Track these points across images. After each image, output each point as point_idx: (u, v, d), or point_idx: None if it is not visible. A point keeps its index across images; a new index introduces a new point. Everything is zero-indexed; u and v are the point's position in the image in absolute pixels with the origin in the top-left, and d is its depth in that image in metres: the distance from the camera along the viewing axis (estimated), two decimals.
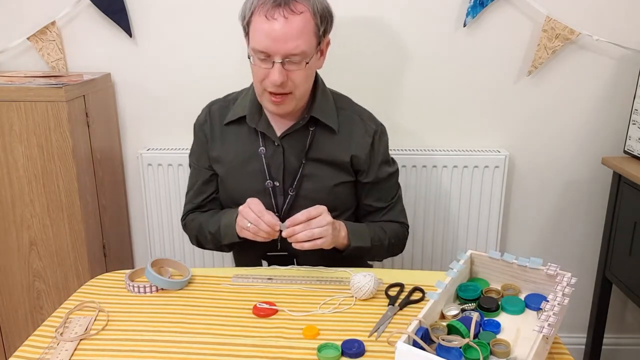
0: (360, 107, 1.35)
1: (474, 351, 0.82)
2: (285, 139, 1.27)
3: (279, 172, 1.29)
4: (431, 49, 1.72)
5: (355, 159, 1.29)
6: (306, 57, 1.14)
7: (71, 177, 1.54)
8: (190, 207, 1.40)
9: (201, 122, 1.35)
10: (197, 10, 1.71)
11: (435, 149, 1.80)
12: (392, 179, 1.37)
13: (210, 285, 1.14)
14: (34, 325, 1.67)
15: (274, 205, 1.30)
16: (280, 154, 1.28)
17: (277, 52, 1.12)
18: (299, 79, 1.16)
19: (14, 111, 1.48)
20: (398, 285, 1.12)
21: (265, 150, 1.28)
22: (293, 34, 1.11)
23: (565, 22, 1.65)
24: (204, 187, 1.38)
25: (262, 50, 1.13)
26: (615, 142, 1.80)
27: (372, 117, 1.34)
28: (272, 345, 0.93)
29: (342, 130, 1.29)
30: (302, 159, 1.28)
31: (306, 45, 1.13)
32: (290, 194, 1.29)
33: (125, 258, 1.93)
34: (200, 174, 1.37)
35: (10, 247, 1.59)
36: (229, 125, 1.31)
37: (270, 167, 1.29)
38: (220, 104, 1.35)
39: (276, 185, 1.29)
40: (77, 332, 0.97)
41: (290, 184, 1.29)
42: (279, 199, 1.30)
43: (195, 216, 1.38)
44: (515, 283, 1.03)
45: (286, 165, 1.28)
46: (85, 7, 1.71)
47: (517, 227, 1.91)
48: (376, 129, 1.31)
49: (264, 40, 1.11)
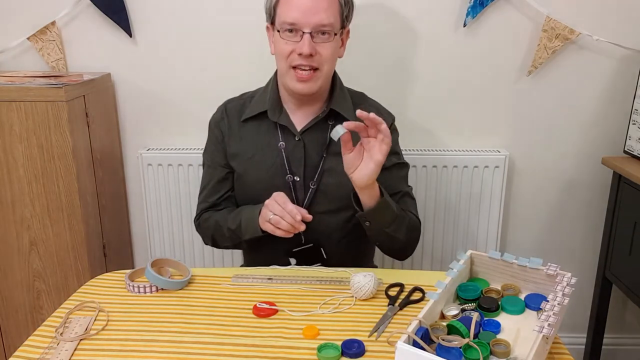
0: (376, 102, 1.39)
1: (474, 351, 0.82)
2: (305, 133, 1.29)
3: (299, 167, 1.29)
4: (431, 48, 1.72)
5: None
6: (333, 30, 1.19)
7: (71, 177, 1.54)
8: (204, 206, 1.39)
9: (217, 119, 1.36)
10: (197, 10, 1.71)
11: (435, 149, 1.80)
12: (400, 170, 1.35)
13: (210, 285, 1.14)
14: (34, 325, 1.66)
15: (295, 200, 1.30)
16: (302, 148, 1.29)
17: (307, 23, 1.16)
18: (326, 53, 1.20)
19: (14, 111, 1.48)
20: (398, 285, 1.12)
21: (285, 145, 1.30)
22: (322, 6, 1.16)
23: (565, 22, 1.65)
24: (218, 185, 1.37)
25: (292, 22, 1.17)
26: (615, 142, 1.80)
27: (387, 111, 1.38)
28: (272, 345, 0.93)
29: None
30: (323, 153, 1.29)
31: (334, 18, 1.19)
32: (311, 188, 1.30)
33: (125, 258, 1.93)
34: (215, 172, 1.37)
35: (10, 247, 1.59)
36: (246, 121, 1.32)
37: (291, 161, 1.30)
38: (236, 102, 1.37)
39: (296, 180, 1.30)
40: (77, 332, 0.97)
41: (311, 178, 1.30)
42: (299, 193, 1.30)
43: (211, 214, 1.37)
44: (515, 283, 1.03)
45: (307, 160, 1.29)
46: (85, 7, 1.71)
47: (517, 227, 1.91)
48: (392, 122, 1.36)
49: (294, 13, 1.16)
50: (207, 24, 1.72)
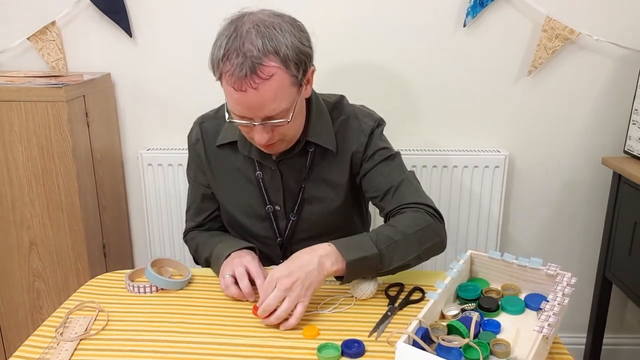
0: (356, 107, 1.26)
1: (474, 351, 0.82)
2: (282, 162, 1.20)
3: (278, 196, 1.23)
4: (431, 49, 1.72)
5: (354, 156, 1.22)
6: (288, 112, 1.05)
7: (71, 177, 1.54)
8: (191, 226, 1.34)
9: (193, 141, 1.28)
10: (197, 10, 1.71)
11: (435, 149, 1.80)
12: (388, 165, 1.21)
13: (210, 285, 1.14)
14: (34, 325, 1.67)
15: (276, 230, 1.27)
16: (279, 178, 1.21)
17: (255, 117, 1.03)
18: (285, 130, 1.08)
19: (14, 111, 1.48)
20: (398, 285, 1.12)
21: (262, 174, 1.22)
22: (268, 100, 1.01)
23: (565, 22, 1.65)
24: (203, 204, 1.32)
25: (239, 115, 1.05)
26: (615, 142, 1.80)
27: (369, 114, 1.25)
28: (272, 345, 0.93)
29: (340, 138, 1.21)
30: (302, 182, 1.22)
31: (286, 103, 1.03)
32: (292, 219, 1.25)
33: (125, 258, 1.93)
34: (199, 190, 1.31)
35: (10, 247, 1.59)
36: (222, 147, 1.24)
37: (269, 191, 1.23)
38: (211, 121, 1.27)
39: (277, 210, 1.25)
40: (77, 332, 0.97)
41: (291, 208, 1.24)
42: (280, 223, 1.26)
43: (195, 235, 1.32)
44: (515, 283, 1.03)
45: (285, 189, 1.22)
46: (85, 7, 1.71)
47: (517, 227, 1.91)
48: (373, 125, 1.22)
49: (239, 108, 1.03)
50: (207, 23, 1.72)
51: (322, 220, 1.24)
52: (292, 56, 1.01)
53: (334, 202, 1.24)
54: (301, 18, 1.15)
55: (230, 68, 0.99)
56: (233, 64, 0.98)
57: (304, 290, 0.98)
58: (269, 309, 0.98)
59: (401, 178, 1.20)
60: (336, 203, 1.24)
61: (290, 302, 0.97)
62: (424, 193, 1.20)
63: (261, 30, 0.99)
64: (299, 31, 1.04)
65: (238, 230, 1.32)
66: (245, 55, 0.98)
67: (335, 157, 1.21)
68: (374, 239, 1.05)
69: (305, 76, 1.07)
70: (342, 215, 1.26)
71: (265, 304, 0.98)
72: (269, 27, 1.00)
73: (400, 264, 1.07)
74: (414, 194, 1.17)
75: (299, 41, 1.03)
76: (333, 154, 1.21)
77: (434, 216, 1.14)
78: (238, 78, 0.99)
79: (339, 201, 1.24)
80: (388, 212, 1.18)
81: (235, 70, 0.98)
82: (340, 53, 1.73)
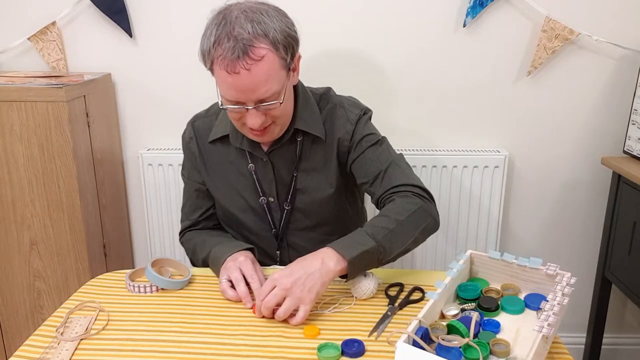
0: (342, 97, 1.28)
1: (473, 351, 0.82)
2: (273, 153, 1.23)
3: (271, 188, 1.25)
4: (431, 49, 1.73)
5: (340, 144, 1.23)
6: (280, 94, 1.09)
7: (71, 177, 1.54)
8: (187, 225, 1.35)
9: (187, 140, 1.31)
10: (197, 10, 1.71)
11: (435, 149, 1.80)
12: (375, 150, 1.22)
13: (210, 285, 1.14)
14: (35, 325, 1.67)
15: (271, 222, 1.28)
16: (270, 169, 1.24)
17: (247, 100, 1.07)
18: (277, 113, 1.12)
19: (15, 111, 1.48)
20: (398, 285, 1.12)
21: (254, 167, 1.25)
22: (260, 81, 1.04)
23: (564, 22, 1.65)
24: (199, 202, 1.34)
25: (232, 100, 1.08)
26: (615, 142, 1.80)
27: (355, 103, 1.27)
28: (272, 345, 0.94)
29: (327, 127, 1.23)
30: (294, 172, 1.24)
31: (277, 85, 1.07)
32: (286, 209, 1.27)
33: (125, 258, 1.93)
34: (193, 187, 1.33)
35: (10, 246, 1.59)
36: (214, 142, 1.27)
37: (262, 183, 1.25)
38: (203, 119, 1.31)
39: (271, 201, 1.27)
40: (77, 331, 0.98)
41: (284, 198, 1.26)
42: (275, 214, 1.28)
43: (192, 236, 1.33)
44: (515, 283, 1.03)
45: (278, 180, 1.25)
46: (86, 8, 1.71)
47: (517, 227, 1.92)
48: (359, 113, 1.24)
49: (232, 92, 1.06)
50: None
51: (316, 209, 1.26)
52: (281, 39, 1.05)
53: (325, 191, 1.25)
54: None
55: (222, 52, 1.03)
56: (225, 47, 1.02)
57: (305, 291, 0.98)
58: (269, 306, 0.98)
59: (389, 161, 1.21)
60: (328, 191, 1.26)
61: (291, 303, 0.98)
62: (412, 174, 1.22)
63: (249, 16, 1.04)
64: (284, 17, 1.09)
65: (234, 226, 1.33)
66: (237, 38, 1.02)
67: (324, 145, 1.24)
68: (370, 232, 1.07)
69: (293, 60, 1.12)
70: (336, 204, 1.28)
71: (266, 300, 0.98)
72: (257, 12, 1.05)
73: (401, 250, 1.10)
74: (401, 176, 1.19)
75: (285, 26, 1.07)
76: (322, 142, 1.23)
77: (423, 197, 1.16)
78: (231, 60, 1.02)
79: (331, 189, 1.26)
80: (378, 197, 1.20)
81: (228, 53, 1.02)
82: (340, 54, 1.73)
